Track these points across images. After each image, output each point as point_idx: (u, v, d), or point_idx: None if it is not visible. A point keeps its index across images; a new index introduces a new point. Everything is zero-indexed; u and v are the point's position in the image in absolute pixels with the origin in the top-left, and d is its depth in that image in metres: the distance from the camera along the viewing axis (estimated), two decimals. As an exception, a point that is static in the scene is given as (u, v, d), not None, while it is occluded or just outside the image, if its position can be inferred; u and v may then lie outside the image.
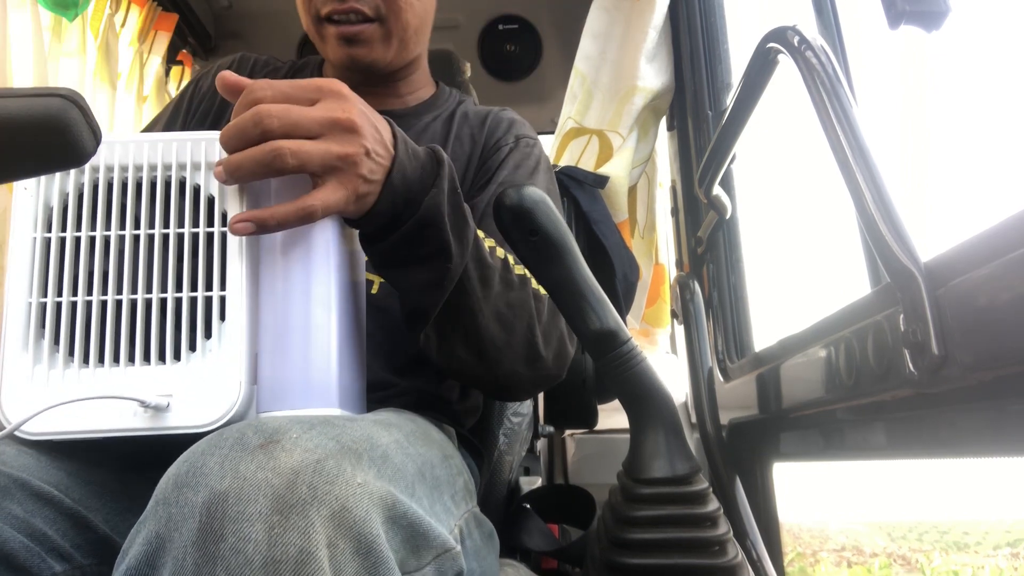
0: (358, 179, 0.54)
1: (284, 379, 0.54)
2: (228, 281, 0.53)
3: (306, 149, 0.51)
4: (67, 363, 0.53)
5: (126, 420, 0.52)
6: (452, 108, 0.95)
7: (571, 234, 0.55)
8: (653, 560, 0.51)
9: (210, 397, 0.52)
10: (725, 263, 1.31)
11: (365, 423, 0.50)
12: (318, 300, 0.55)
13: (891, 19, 0.62)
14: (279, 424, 0.43)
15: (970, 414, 0.61)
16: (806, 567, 2.94)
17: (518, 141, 0.90)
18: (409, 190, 0.57)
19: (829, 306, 0.82)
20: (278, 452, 0.41)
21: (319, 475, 0.40)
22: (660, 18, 1.41)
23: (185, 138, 0.55)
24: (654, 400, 0.53)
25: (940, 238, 0.62)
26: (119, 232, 0.54)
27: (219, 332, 0.53)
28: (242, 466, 0.40)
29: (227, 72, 0.55)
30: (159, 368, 0.53)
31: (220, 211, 0.54)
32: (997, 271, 0.51)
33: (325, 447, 0.42)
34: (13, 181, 0.50)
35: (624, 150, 1.43)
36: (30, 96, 0.34)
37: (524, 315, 0.68)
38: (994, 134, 1.31)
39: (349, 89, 0.56)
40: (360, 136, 0.54)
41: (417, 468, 0.52)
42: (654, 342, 1.57)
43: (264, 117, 0.51)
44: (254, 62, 0.98)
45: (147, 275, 0.53)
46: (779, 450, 1.04)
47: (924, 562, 2.92)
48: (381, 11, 0.83)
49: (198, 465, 0.41)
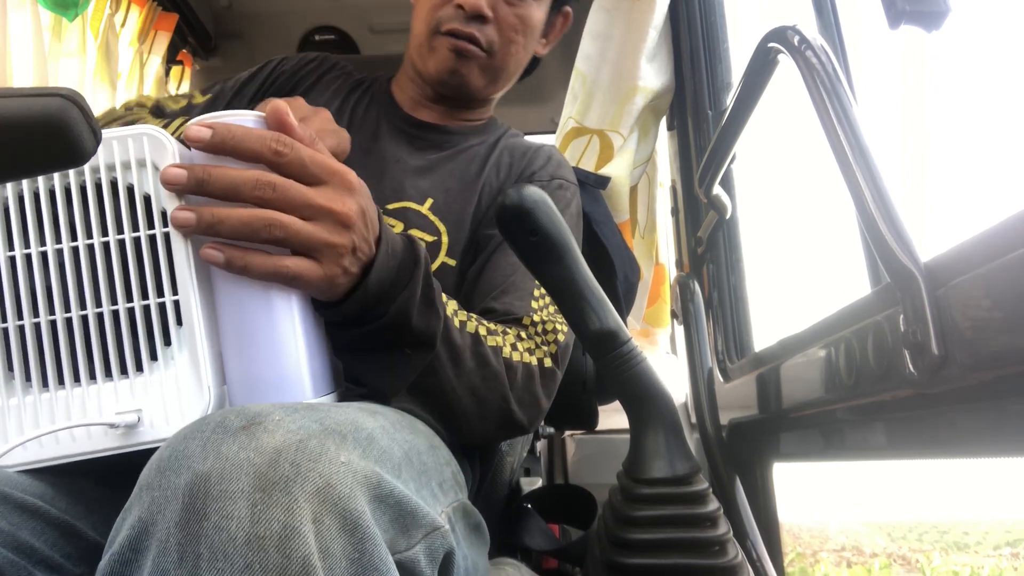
0: (337, 268, 0.54)
1: (253, 376, 0.52)
2: (179, 283, 0.51)
3: (296, 227, 0.51)
4: (26, 389, 0.51)
5: (98, 441, 0.50)
6: (498, 136, 0.99)
7: (571, 234, 0.55)
8: (653, 560, 0.51)
9: (180, 406, 0.51)
10: (725, 263, 1.31)
11: (350, 409, 0.50)
12: (276, 289, 0.53)
13: (891, 19, 0.62)
14: (261, 408, 0.43)
15: (970, 414, 0.61)
16: (806, 567, 2.94)
17: (552, 181, 0.93)
18: (382, 291, 0.58)
19: (829, 306, 0.82)
20: (260, 433, 0.40)
21: (302, 453, 0.40)
22: (660, 18, 1.41)
23: (110, 135, 0.51)
24: (654, 400, 0.53)
25: (940, 238, 0.62)
26: (56, 246, 0.51)
27: (178, 338, 0.51)
28: (224, 447, 0.39)
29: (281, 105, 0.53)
30: (123, 382, 0.51)
31: (159, 210, 0.51)
32: (997, 271, 0.51)
33: (308, 428, 0.42)
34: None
35: (625, 151, 1.43)
36: (30, 96, 0.34)
37: (497, 387, 0.70)
38: (994, 134, 1.31)
39: (360, 181, 0.56)
40: (351, 231, 0.54)
41: (404, 453, 0.51)
42: (654, 342, 1.57)
43: (264, 186, 0.50)
44: (334, 62, 1.02)
45: (94, 287, 0.51)
46: (779, 450, 1.04)
47: (924, 562, 2.92)
48: (494, 47, 0.90)
49: (180, 449, 0.40)
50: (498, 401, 0.70)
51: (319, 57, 1.03)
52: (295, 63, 1.00)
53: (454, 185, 0.90)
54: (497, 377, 0.70)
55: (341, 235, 0.53)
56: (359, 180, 0.56)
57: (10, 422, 0.50)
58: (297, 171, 0.52)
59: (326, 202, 0.53)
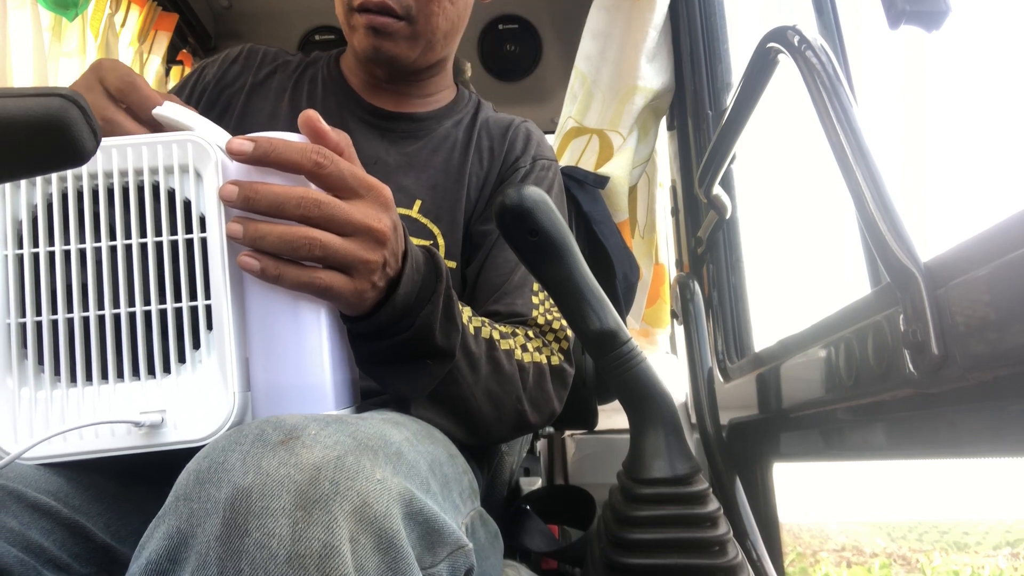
0: (367, 283, 0.55)
1: (278, 385, 0.53)
2: (212, 288, 0.51)
3: (335, 247, 0.52)
4: (54, 384, 0.51)
5: (121, 439, 0.51)
6: (472, 113, 0.95)
7: (571, 234, 0.55)
8: (653, 560, 0.51)
9: (204, 409, 0.51)
10: (725, 263, 1.31)
11: (375, 421, 0.51)
12: (306, 301, 0.54)
13: (891, 19, 0.62)
14: (297, 421, 0.44)
15: (970, 414, 0.61)
16: (806, 567, 2.94)
17: (535, 163, 0.91)
18: (407, 304, 0.59)
19: (829, 306, 0.82)
20: (299, 448, 0.41)
21: (340, 471, 0.41)
22: (660, 18, 1.41)
23: (155, 140, 0.52)
24: (654, 400, 0.53)
25: (940, 238, 0.62)
26: (95, 244, 0.52)
27: (207, 342, 0.52)
28: (264, 462, 0.40)
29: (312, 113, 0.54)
30: (150, 383, 0.51)
31: (198, 216, 0.52)
32: (997, 271, 0.51)
33: (343, 444, 0.43)
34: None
35: (624, 150, 1.43)
36: (30, 96, 0.34)
37: (512, 389, 0.71)
38: (994, 134, 1.31)
39: (392, 198, 0.58)
40: (384, 248, 0.55)
41: (428, 465, 0.52)
42: (654, 342, 1.57)
43: (308, 204, 0.51)
44: (263, 55, 0.96)
45: (128, 287, 0.52)
46: (779, 450, 1.04)
47: (924, 562, 2.92)
48: (411, 11, 0.83)
49: (219, 461, 0.41)
50: (513, 403, 0.72)
51: (243, 53, 0.95)
52: (217, 70, 0.93)
53: (440, 180, 0.88)
54: (512, 380, 0.71)
55: (375, 252, 0.55)
56: (391, 193, 0.58)
57: (37, 415, 0.51)
58: (336, 184, 0.53)
59: (364, 219, 0.54)
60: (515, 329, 0.76)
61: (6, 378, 0.51)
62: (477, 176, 0.89)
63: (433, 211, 0.86)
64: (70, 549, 0.51)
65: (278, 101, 0.91)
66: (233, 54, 0.95)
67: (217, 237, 0.52)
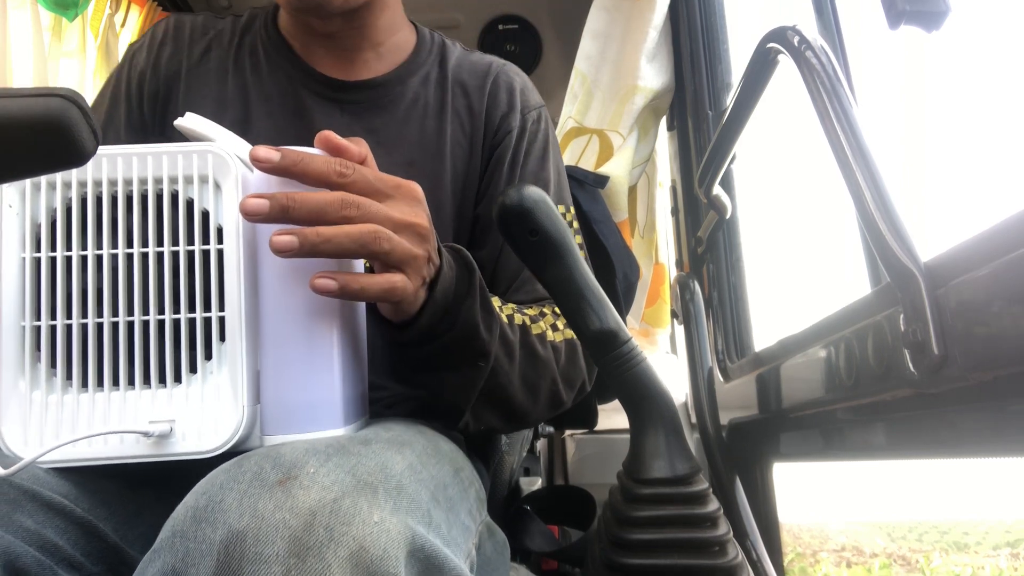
0: (420, 279, 0.55)
1: (288, 400, 0.53)
2: (227, 300, 0.51)
3: (396, 240, 0.51)
4: (66, 388, 0.51)
5: (129, 448, 0.51)
6: (438, 62, 0.85)
7: (571, 234, 0.55)
8: (653, 560, 0.51)
9: (213, 421, 0.51)
10: (725, 263, 1.31)
11: (379, 447, 0.50)
12: (319, 316, 0.53)
13: (891, 19, 0.62)
14: (295, 457, 0.43)
15: (970, 414, 0.61)
16: (806, 567, 2.94)
17: (524, 120, 0.83)
18: (447, 300, 0.58)
19: (829, 306, 0.82)
20: (296, 490, 0.40)
21: (336, 516, 0.40)
22: (660, 18, 1.41)
23: (176, 150, 0.52)
24: (654, 400, 0.53)
25: (940, 238, 0.62)
26: (111, 251, 0.52)
27: (219, 353, 0.52)
28: (260, 504, 0.39)
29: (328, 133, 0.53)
30: (160, 391, 0.52)
31: (215, 226, 0.52)
32: (997, 271, 0.51)
33: (342, 483, 0.42)
34: (13, 181, 0.50)
35: (624, 149, 1.43)
36: (30, 96, 0.34)
37: (548, 373, 0.71)
38: (994, 134, 1.31)
39: (423, 194, 0.57)
40: (427, 242, 0.55)
41: (431, 493, 0.51)
42: (654, 342, 1.57)
43: (349, 205, 0.50)
44: (191, 28, 0.84)
45: (143, 295, 0.52)
46: (779, 450, 1.04)
47: (924, 562, 2.92)
48: None
49: (216, 500, 0.40)
50: (549, 386, 0.71)
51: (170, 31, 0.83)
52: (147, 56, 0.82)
53: (416, 156, 0.80)
54: (547, 364, 0.71)
55: (421, 247, 0.54)
56: (420, 190, 0.57)
57: (48, 419, 0.51)
58: (364, 189, 0.52)
59: (402, 215, 0.53)
60: (542, 309, 0.76)
61: (19, 381, 0.51)
62: (460, 146, 0.82)
63: None
64: (83, 548, 0.52)
65: (221, 84, 0.81)
66: (159, 33, 0.83)
67: (234, 249, 0.52)
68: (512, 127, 0.83)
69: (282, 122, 0.79)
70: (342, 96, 0.81)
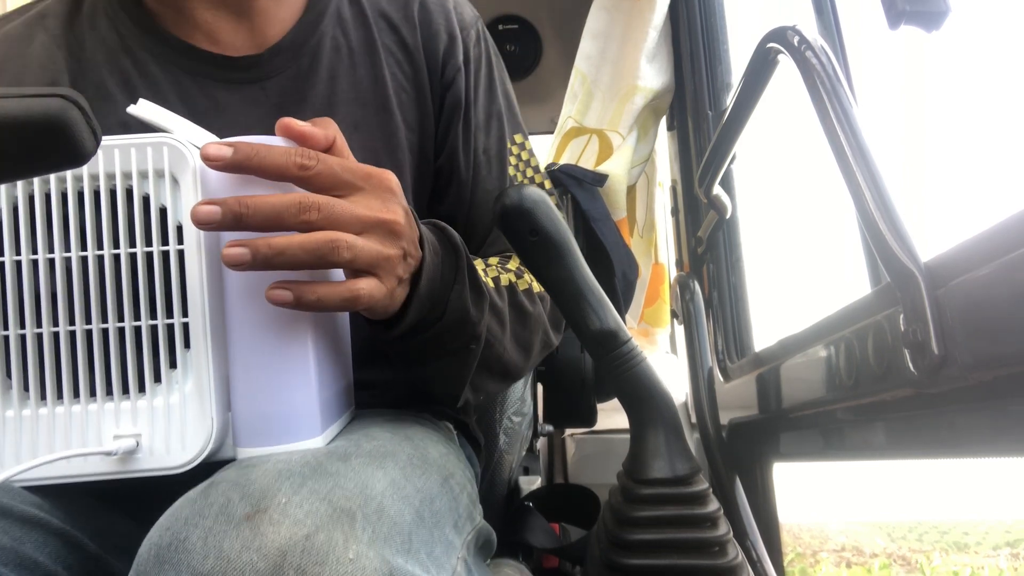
0: (394, 280, 0.51)
1: (261, 410, 0.49)
2: (189, 305, 0.48)
3: (359, 245, 0.47)
4: (23, 403, 0.48)
5: (94, 466, 0.48)
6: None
7: (571, 234, 0.55)
8: (653, 560, 0.51)
9: (180, 434, 0.48)
10: (725, 263, 1.31)
11: (359, 464, 0.47)
12: (291, 318, 0.49)
13: (891, 19, 0.62)
14: (266, 484, 0.40)
15: (970, 414, 0.61)
16: (806, 567, 2.94)
17: (467, 49, 0.74)
18: (432, 291, 0.55)
19: (829, 306, 0.82)
20: (265, 526, 0.38)
21: (307, 555, 0.37)
22: (660, 18, 1.41)
23: (128, 143, 0.48)
24: (654, 400, 0.53)
25: (941, 238, 0.62)
26: (64, 254, 0.48)
27: (184, 361, 0.48)
28: (226, 544, 0.37)
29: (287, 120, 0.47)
30: (124, 404, 0.48)
31: (174, 225, 0.48)
32: (997, 271, 0.51)
33: (316, 514, 0.39)
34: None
35: (624, 148, 1.43)
36: (30, 96, 0.34)
37: (539, 327, 0.70)
38: (994, 134, 1.31)
39: (398, 183, 0.52)
40: (401, 238, 0.50)
41: (415, 512, 0.48)
42: (654, 342, 1.57)
43: (308, 208, 0.45)
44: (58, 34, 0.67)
45: (100, 301, 0.48)
46: (779, 450, 1.04)
47: (924, 562, 2.92)
48: None
49: (180, 538, 0.38)
50: (541, 338, 0.71)
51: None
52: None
53: (359, 114, 0.69)
54: (538, 319, 0.70)
55: (393, 245, 0.50)
56: (395, 178, 0.52)
57: (6, 438, 0.48)
58: (328, 183, 0.47)
59: (372, 213, 0.48)
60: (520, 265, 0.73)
61: None
62: (406, 92, 0.72)
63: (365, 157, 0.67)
64: (64, 560, 0.50)
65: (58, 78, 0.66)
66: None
67: (195, 249, 0.48)
68: (458, 63, 0.73)
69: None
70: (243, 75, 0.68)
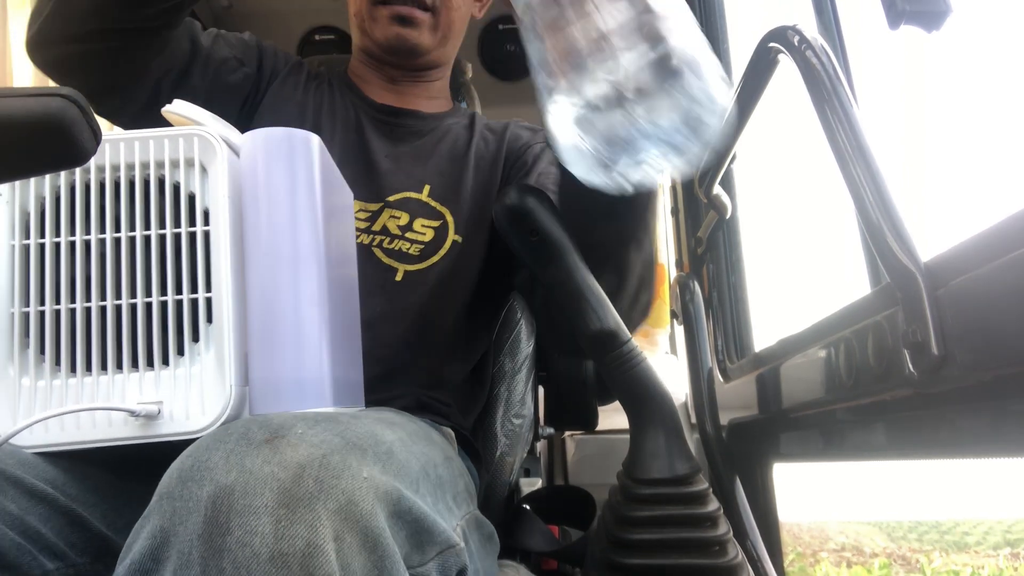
0: None
1: (276, 380, 0.53)
2: (213, 282, 0.52)
3: None
4: (54, 373, 0.52)
5: (117, 429, 0.51)
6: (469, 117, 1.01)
7: (571, 234, 0.55)
8: (653, 560, 0.51)
9: (201, 402, 0.51)
10: (725, 263, 1.31)
11: (368, 420, 0.50)
12: (307, 297, 0.54)
13: (891, 19, 0.62)
14: (283, 420, 0.43)
15: (970, 414, 0.61)
16: (806, 567, 2.94)
17: (537, 133, 0.98)
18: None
19: (829, 306, 0.82)
20: (283, 447, 0.40)
21: (325, 469, 0.40)
22: (660, 18, 1.40)
23: (162, 135, 0.53)
24: (654, 400, 0.53)
25: (941, 238, 0.62)
26: (99, 236, 0.52)
27: (206, 335, 0.52)
28: (247, 460, 0.39)
29: None
30: (148, 374, 0.52)
31: (202, 209, 0.53)
32: (997, 271, 0.51)
33: (330, 442, 0.42)
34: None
35: (624, 150, 1.43)
36: (30, 96, 0.34)
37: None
38: (994, 134, 1.31)
39: None
40: None
41: (421, 466, 0.52)
42: (654, 342, 1.57)
43: None
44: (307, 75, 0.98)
45: (131, 279, 0.52)
46: (779, 450, 1.04)
47: (924, 562, 2.92)
48: (436, 3, 0.91)
49: (203, 460, 0.40)
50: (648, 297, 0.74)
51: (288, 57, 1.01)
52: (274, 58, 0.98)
53: (445, 167, 0.92)
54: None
55: None
56: None
57: (37, 403, 0.51)
58: None
59: None
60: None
61: (7, 367, 0.52)
62: (484, 158, 0.94)
63: (441, 193, 0.90)
64: (67, 537, 0.52)
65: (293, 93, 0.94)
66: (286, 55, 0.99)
67: (222, 230, 0.52)
68: (536, 141, 0.97)
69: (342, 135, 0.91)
70: (390, 119, 0.95)
